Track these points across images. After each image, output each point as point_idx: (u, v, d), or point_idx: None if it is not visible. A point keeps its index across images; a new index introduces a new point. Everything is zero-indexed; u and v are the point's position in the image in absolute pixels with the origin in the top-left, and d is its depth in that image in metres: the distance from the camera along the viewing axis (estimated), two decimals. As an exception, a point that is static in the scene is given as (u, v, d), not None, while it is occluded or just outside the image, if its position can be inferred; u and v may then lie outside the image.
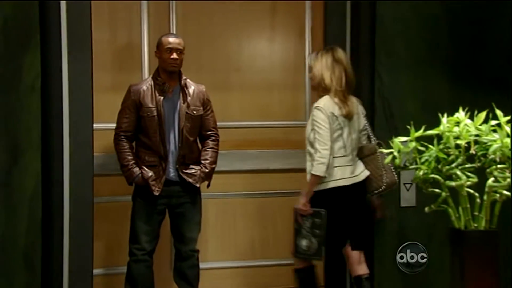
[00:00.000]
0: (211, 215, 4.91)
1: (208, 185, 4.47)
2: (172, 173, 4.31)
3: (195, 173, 4.35)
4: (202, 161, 4.39)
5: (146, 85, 4.32)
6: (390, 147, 2.35)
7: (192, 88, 4.39)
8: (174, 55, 4.27)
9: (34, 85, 3.76)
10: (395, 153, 2.33)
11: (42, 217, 3.80)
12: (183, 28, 4.85)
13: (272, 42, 5.06)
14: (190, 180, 4.32)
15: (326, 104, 4.02)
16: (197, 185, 4.35)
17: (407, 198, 4.30)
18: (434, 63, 4.29)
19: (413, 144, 2.31)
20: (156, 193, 4.24)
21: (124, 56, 4.82)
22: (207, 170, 4.38)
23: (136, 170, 4.25)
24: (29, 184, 3.77)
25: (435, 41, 4.34)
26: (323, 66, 4.07)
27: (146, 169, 4.26)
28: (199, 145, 4.48)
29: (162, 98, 4.27)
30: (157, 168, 4.27)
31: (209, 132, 4.46)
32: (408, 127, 2.59)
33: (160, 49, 4.32)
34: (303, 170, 4.93)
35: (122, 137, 4.29)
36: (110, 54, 4.79)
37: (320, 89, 4.12)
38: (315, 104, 4.07)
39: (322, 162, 3.93)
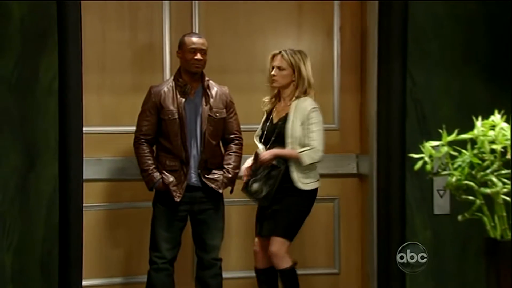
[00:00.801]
0: (235, 222, 4.92)
1: (231, 191, 4.47)
2: (194, 178, 4.32)
3: (218, 178, 4.35)
4: (225, 166, 4.39)
5: (167, 86, 4.33)
6: (421, 152, 2.31)
7: (214, 89, 4.39)
8: (198, 56, 4.28)
9: (51, 86, 3.77)
10: (426, 159, 2.28)
11: (60, 224, 3.80)
12: (206, 27, 4.88)
13: (299, 41, 5.05)
14: (213, 185, 4.32)
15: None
16: (220, 190, 4.36)
17: (441, 205, 4.24)
18: (470, 63, 4.24)
19: (445, 149, 2.27)
20: (177, 199, 4.24)
21: (145, 57, 4.86)
22: (230, 175, 4.38)
23: (157, 175, 4.27)
24: (46, 190, 3.78)
25: (471, 41, 4.29)
26: (309, 68, 4.42)
27: (167, 174, 4.28)
28: (222, 149, 4.49)
29: (183, 100, 4.29)
30: (179, 173, 4.28)
31: (232, 136, 4.47)
32: (441, 130, 2.56)
33: (183, 49, 4.32)
34: (331, 176, 5.03)
35: (142, 140, 4.31)
36: (131, 54, 4.84)
37: (299, 89, 4.39)
38: (313, 106, 4.38)
39: (318, 159, 4.36)
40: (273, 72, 4.40)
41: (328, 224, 5.14)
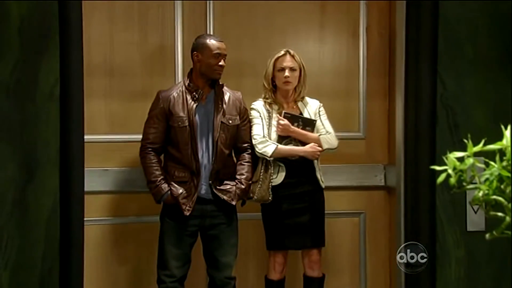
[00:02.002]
0: (252, 237, 4.88)
1: (243, 203, 4.45)
2: (204, 190, 4.29)
3: (230, 190, 4.32)
4: (238, 177, 4.37)
5: (177, 91, 4.31)
6: (445, 163, 2.26)
7: (227, 95, 4.37)
8: (222, 62, 4.28)
9: (53, 92, 3.74)
10: (450, 171, 2.23)
11: (60, 240, 3.79)
12: (221, 28, 4.87)
13: (322, 43, 5.03)
14: (225, 197, 4.29)
15: None
16: (233, 202, 4.32)
17: (475, 221, 4.18)
18: (506, 67, 4.18)
19: (471, 160, 2.21)
20: (187, 213, 4.21)
21: (156, 60, 4.84)
22: (243, 186, 4.35)
23: (165, 186, 4.24)
24: (46, 203, 3.75)
25: (508, 43, 4.24)
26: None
27: (175, 185, 4.25)
28: (234, 159, 4.46)
29: (194, 106, 4.26)
30: (188, 185, 4.25)
31: (245, 145, 4.44)
32: (474, 139, 2.51)
33: (205, 53, 4.28)
34: (357, 188, 5.00)
35: (149, 149, 4.29)
36: (140, 57, 4.82)
37: (304, 90, 4.58)
38: (319, 103, 4.63)
39: (335, 145, 4.56)
40: (286, 73, 4.46)
41: (353, 241, 5.09)
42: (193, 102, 4.27)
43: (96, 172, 4.64)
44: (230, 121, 4.33)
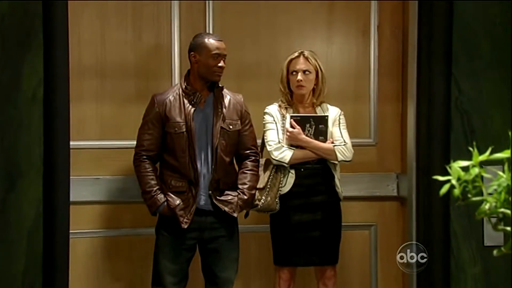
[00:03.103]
0: (254, 251, 4.88)
1: (246, 215, 4.42)
2: (203, 201, 4.26)
3: (232, 200, 4.29)
4: (240, 186, 4.33)
5: (173, 94, 4.29)
6: (448, 173, 2.20)
7: (227, 98, 4.35)
8: (222, 63, 4.25)
9: (36, 94, 3.75)
10: (454, 182, 2.16)
11: (44, 254, 3.77)
12: (221, 27, 4.86)
13: (329, 42, 5.02)
14: (226, 208, 4.26)
15: None
16: (235, 214, 4.29)
17: (493, 235, 4.14)
18: (526, 68, 4.17)
19: (476, 170, 2.14)
20: (185, 226, 4.18)
21: (151, 60, 4.84)
22: (245, 197, 4.32)
23: (161, 197, 4.22)
24: (28, 214, 3.75)
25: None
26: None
27: (172, 196, 4.22)
28: (236, 167, 4.44)
29: (192, 110, 4.24)
30: (186, 195, 4.22)
31: (247, 151, 4.41)
32: (491, 146, 2.46)
33: (203, 54, 4.26)
34: (367, 199, 4.99)
35: (144, 157, 4.27)
36: (134, 57, 4.81)
37: (321, 95, 4.53)
38: (340, 111, 4.56)
39: (349, 158, 4.46)
40: (299, 77, 4.42)
41: (364, 255, 5.06)
42: (190, 106, 4.25)
43: (87, 180, 4.64)
44: (231, 127, 4.31)
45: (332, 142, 4.41)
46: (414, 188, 4.27)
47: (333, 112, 4.52)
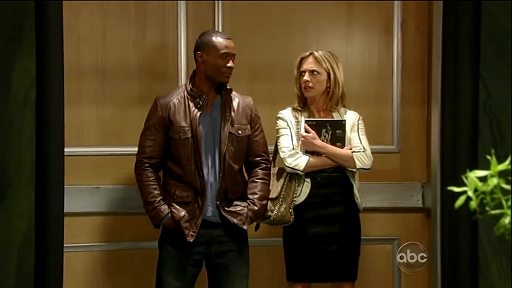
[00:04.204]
0: (265, 267, 4.87)
1: (257, 228, 4.39)
2: (210, 212, 4.24)
3: (241, 212, 4.26)
4: (250, 196, 4.31)
5: (178, 97, 4.27)
6: (464, 184, 2.12)
7: (236, 100, 4.33)
8: (231, 63, 4.24)
9: (28, 96, 3.74)
10: (470, 193, 2.08)
11: (35, 269, 3.76)
12: (232, 24, 4.86)
13: (348, 41, 5.03)
14: (235, 220, 4.23)
15: None
16: (245, 227, 4.27)
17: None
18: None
19: (494, 180, 2.06)
20: (190, 239, 4.15)
21: (155, 61, 4.84)
22: (256, 208, 4.28)
23: (165, 208, 4.19)
24: (19, 227, 3.74)
25: None
26: (342, 73, 4.48)
27: (177, 207, 4.20)
28: (245, 176, 4.41)
29: (198, 114, 4.21)
30: (192, 206, 4.19)
31: (258, 158, 4.38)
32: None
33: (211, 53, 4.24)
34: (390, 211, 4.99)
35: (146, 165, 4.25)
36: (137, 57, 4.82)
37: (334, 99, 4.45)
38: (358, 115, 4.50)
39: (368, 166, 4.38)
40: (305, 78, 4.41)
41: (386, 271, 5.03)
42: (196, 110, 4.23)
43: (86, 190, 4.63)
44: (240, 132, 4.28)
45: (350, 149, 4.35)
46: (439, 198, 4.27)
47: (351, 117, 4.48)
